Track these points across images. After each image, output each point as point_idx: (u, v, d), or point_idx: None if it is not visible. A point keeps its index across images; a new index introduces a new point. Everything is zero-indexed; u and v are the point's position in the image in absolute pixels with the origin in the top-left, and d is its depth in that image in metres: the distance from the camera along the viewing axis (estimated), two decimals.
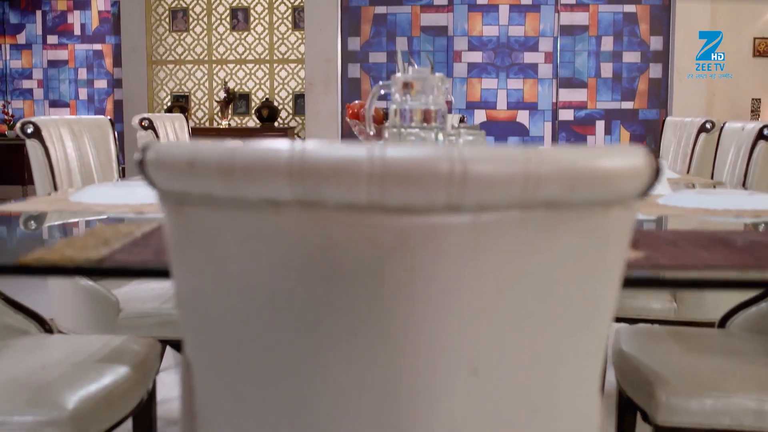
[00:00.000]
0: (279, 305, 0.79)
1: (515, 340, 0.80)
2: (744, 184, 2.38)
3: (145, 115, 2.92)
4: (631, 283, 0.92)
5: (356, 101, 2.84)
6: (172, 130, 3.16)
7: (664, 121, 3.63)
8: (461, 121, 4.09)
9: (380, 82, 1.81)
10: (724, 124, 2.74)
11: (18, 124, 2.13)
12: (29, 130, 2.12)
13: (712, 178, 2.72)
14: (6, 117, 8.83)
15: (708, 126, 3.05)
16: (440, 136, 1.75)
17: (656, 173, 0.79)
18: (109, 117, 2.57)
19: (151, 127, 2.88)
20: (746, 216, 1.44)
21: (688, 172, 3.07)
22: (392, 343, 0.77)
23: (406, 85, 1.69)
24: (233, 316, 0.82)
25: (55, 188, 2.15)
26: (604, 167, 0.76)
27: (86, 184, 2.38)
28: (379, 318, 0.77)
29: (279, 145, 0.74)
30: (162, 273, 0.87)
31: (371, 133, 1.86)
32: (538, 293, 0.79)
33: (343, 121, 8.15)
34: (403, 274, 0.76)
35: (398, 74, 1.71)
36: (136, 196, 1.52)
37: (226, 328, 0.83)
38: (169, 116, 3.23)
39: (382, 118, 2.77)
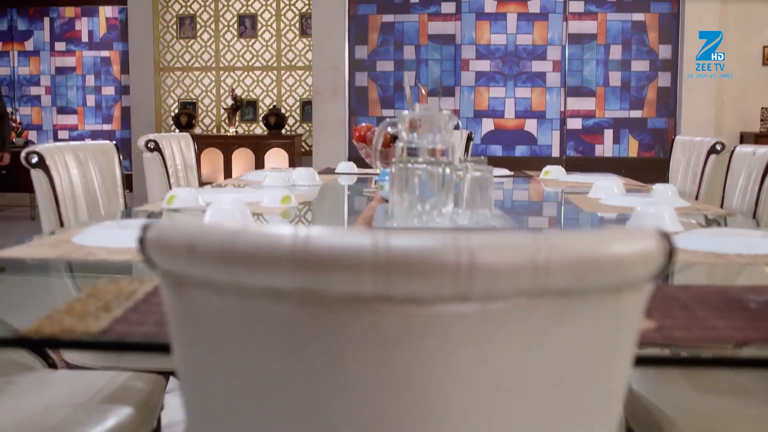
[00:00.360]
0: (281, 390, 0.78)
1: (524, 427, 0.78)
2: (755, 213, 2.35)
3: (151, 137, 2.91)
4: (643, 362, 0.90)
5: (363, 123, 2.82)
6: (179, 149, 3.15)
7: (673, 140, 3.59)
8: (469, 139, 4.07)
9: (387, 119, 1.79)
10: (734, 148, 2.71)
11: (23, 154, 2.12)
12: (34, 160, 2.10)
13: (722, 203, 2.69)
14: (14, 124, 8.83)
15: (718, 147, 3.02)
16: (447, 171, 1.72)
17: (670, 256, 0.77)
18: (114, 142, 2.56)
19: (157, 148, 2.87)
20: (760, 263, 1.41)
21: (698, 193, 3.05)
22: None
23: (414, 123, 1.67)
24: (234, 397, 0.81)
25: (60, 218, 2.13)
26: (615, 254, 0.74)
27: (92, 211, 2.36)
28: (383, 405, 0.75)
29: (281, 231, 0.72)
30: (164, 348, 0.85)
31: (378, 170, 1.84)
32: (546, 380, 0.77)
33: (350, 129, 8.13)
34: (408, 362, 0.74)
35: (405, 112, 1.68)
36: None
37: (226, 408, 0.81)
38: (175, 136, 3.22)
39: (389, 141, 2.75)
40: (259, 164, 8.61)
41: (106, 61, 9.74)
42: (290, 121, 9.36)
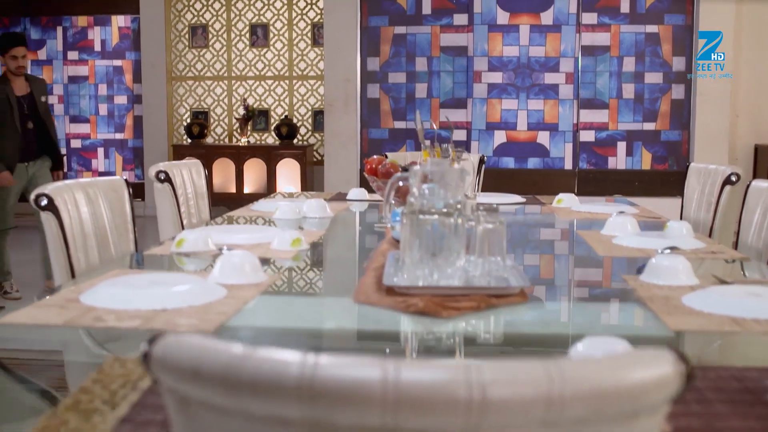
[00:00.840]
0: None
1: None
2: None
3: (162, 167, 2.90)
4: None
5: (374, 156, 2.80)
6: (189, 178, 3.14)
7: (688, 166, 3.56)
8: (481, 162, 4.03)
9: (398, 174, 1.77)
10: (750, 183, 2.67)
11: (32, 196, 2.11)
12: (43, 203, 2.09)
13: (737, 238, 2.66)
14: None
15: (733, 178, 2.98)
16: (459, 222, 1.70)
17: (688, 379, 0.74)
18: (124, 177, 2.55)
19: (167, 179, 2.86)
20: None
21: (712, 224, 3.01)
22: None
23: (426, 177, 1.65)
24: None
25: (70, 260, 2.12)
26: (631, 382, 0.72)
27: (102, 250, 2.36)
28: None
29: (288, 357, 0.71)
30: None
31: (389, 225, 1.81)
32: None
33: (362, 142, 8.12)
34: None
35: (417, 167, 1.66)
36: (150, 299, 1.49)
37: None
38: (186, 164, 3.21)
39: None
40: (271, 174, 8.61)
41: (119, 70, 9.76)
42: (302, 130, 9.36)
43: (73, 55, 9.77)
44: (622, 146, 7.83)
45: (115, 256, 2.41)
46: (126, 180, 2.55)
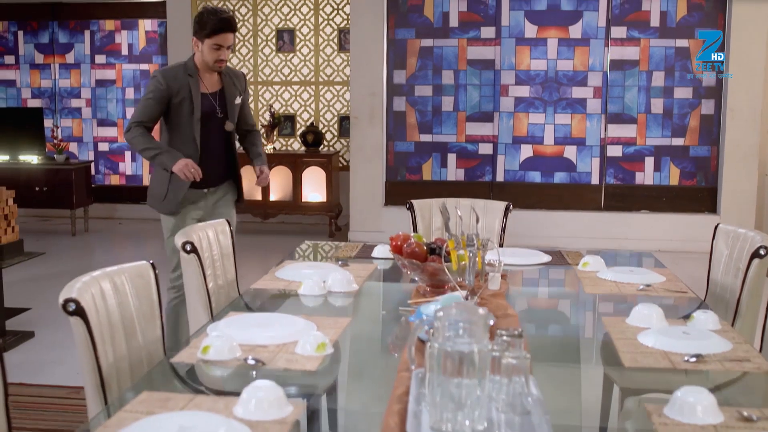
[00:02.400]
0: None
1: None
2: None
3: (188, 235, 2.92)
4: None
5: (399, 232, 2.79)
6: (215, 239, 3.15)
7: (716, 227, 3.51)
8: (507, 210, 3.97)
9: (420, 320, 1.76)
10: None
11: (61, 301, 2.13)
12: (71, 308, 2.12)
13: (765, 325, 2.63)
14: (55, 141, 8.93)
15: (762, 252, 2.94)
16: (483, 377, 1.67)
17: None
18: (150, 261, 2.57)
19: (194, 250, 2.88)
20: None
21: (739, 298, 2.98)
22: None
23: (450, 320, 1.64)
24: None
25: (98, 360, 2.14)
26: None
27: (129, 339, 2.38)
28: None
29: None
30: None
31: (412, 369, 1.81)
32: None
33: (388, 155, 8.10)
34: None
35: (441, 313, 1.65)
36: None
37: None
38: (212, 224, 3.22)
39: (425, 255, 2.73)
40: (297, 182, 8.62)
41: (146, 74, 9.80)
42: (328, 136, 9.36)
43: (100, 58, 9.83)
44: (650, 161, 7.76)
45: (142, 344, 2.44)
46: (152, 263, 2.56)
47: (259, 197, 8.81)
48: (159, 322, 2.54)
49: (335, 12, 9.28)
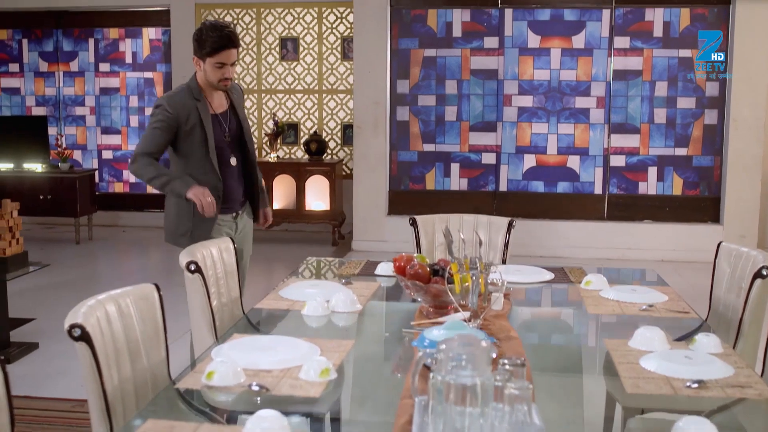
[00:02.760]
0: None
1: None
2: None
3: (192, 255, 2.93)
4: None
5: (403, 253, 2.80)
6: (219, 256, 3.16)
7: (719, 245, 3.51)
8: (510, 226, 3.96)
9: (423, 353, 1.77)
10: None
11: (66, 326, 2.15)
12: (77, 334, 2.14)
13: (765, 359, 2.65)
14: (59, 149, 8.96)
15: (764, 272, 2.95)
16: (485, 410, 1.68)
17: None
18: (154, 283, 2.58)
19: (198, 270, 2.89)
20: None
21: (741, 317, 2.98)
22: None
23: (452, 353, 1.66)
24: None
25: (103, 385, 2.16)
26: None
27: (134, 360, 2.40)
28: None
29: None
30: None
31: (415, 397, 1.81)
32: None
33: (391, 164, 8.12)
34: None
35: (444, 345, 1.66)
36: None
37: None
38: (215, 242, 3.23)
39: (428, 276, 2.74)
40: (300, 190, 8.64)
41: (150, 82, 9.83)
42: (331, 144, 9.39)
43: (104, 67, 9.86)
44: (653, 171, 7.77)
45: (147, 366, 2.45)
46: (156, 285, 2.58)
47: None
48: (164, 344, 2.55)
49: (339, 21, 9.30)
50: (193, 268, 2.90)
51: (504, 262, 3.97)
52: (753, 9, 7.33)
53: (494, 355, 1.72)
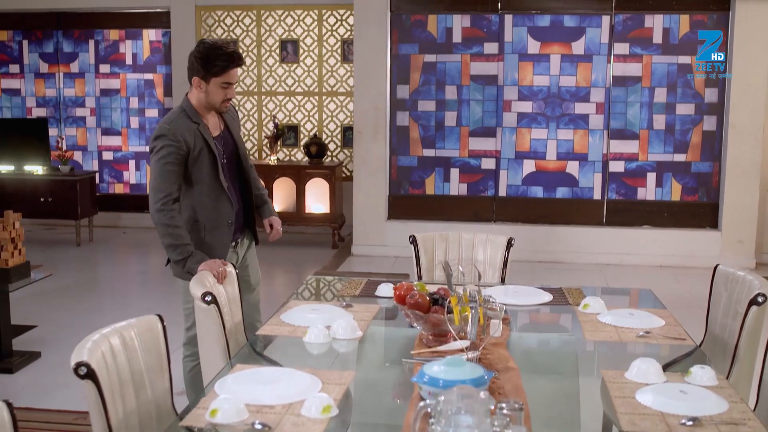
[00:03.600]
0: None
1: None
2: None
3: (208, 286, 2.96)
4: None
5: (403, 282, 2.84)
6: (223, 288, 3.18)
7: (716, 268, 3.53)
8: (509, 245, 3.98)
9: (424, 402, 1.80)
10: None
11: (72, 365, 2.18)
12: (83, 372, 2.17)
13: (761, 374, 2.68)
14: (60, 152, 8.98)
15: (760, 300, 2.98)
16: None
17: None
18: (158, 315, 2.61)
19: (214, 301, 2.91)
20: None
21: (737, 343, 3.02)
22: None
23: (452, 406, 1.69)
24: None
25: (108, 420, 2.20)
26: None
27: (138, 392, 2.44)
28: None
29: None
30: None
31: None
32: None
33: (391, 169, 8.15)
34: None
35: (441, 398, 1.70)
36: None
37: None
38: (231, 276, 3.27)
39: (428, 306, 2.77)
40: (300, 193, 8.67)
41: (150, 83, 9.85)
42: (331, 146, 9.42)
43: (104, 68, 9.88)
44: (651, 177, 7.80)
45: (151, 397, 2.49)
46: (159, 316, 2.61)
47: None
48: (168, 374, 2.59)
49: (339, 23, 9.32)
50: (209, 299, 2.92)
51: (503, 280, 4.00)
52: (752, 16, 7.35)
53: (492, 407, 1.75)
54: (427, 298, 2.80)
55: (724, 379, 2.56)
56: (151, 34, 9.79)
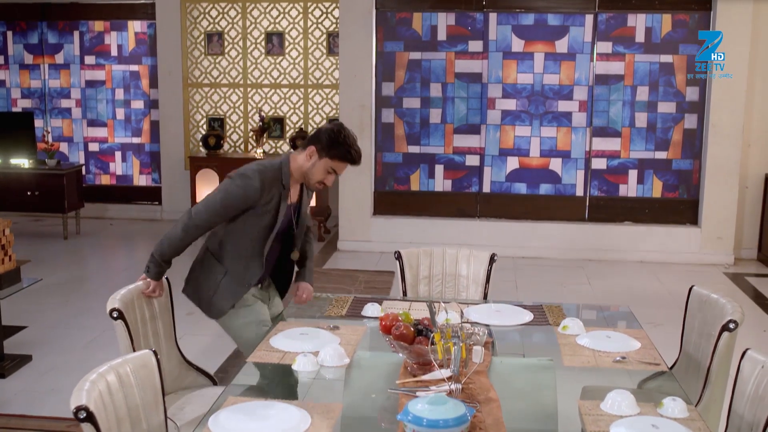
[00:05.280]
0: None
1: None
2: None
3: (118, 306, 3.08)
4: None
5: (390, 312, 2.94)
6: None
7: (691, 289, 3.65)
8: (491, 261, 4.06)
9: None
10: (746, 351, 2.79)
11: (73, 409, 2.27)
12: (82, 416, 2.26)
13: (731, 404, 2.80)
14: (46, 145, 9.00)
15: (731, 326, 3.10)
16: None
17: None
18: (153, 349, 2.70)
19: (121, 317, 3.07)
20: None
21: (709, 366, 3.15)
22: None
23: None
24: None
25: None
26: None
27: (134, 427, 2.53)
28: None
29: None
30: None
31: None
32: None
33: (377, 166, 8.23)
34: None
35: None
36: None
37: None
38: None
39: (413, 337, 2.88)
40: None
41: (135, 75, 9.87)
42: None
43: (90, 59, 9.88)
44: (633, 174, 7.93)
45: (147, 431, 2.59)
46: (154, 351, 2.70)
47: None
48: (162, 407, 2.69)
49: (324, 16, 9.35)
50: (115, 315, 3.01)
51: (485, 296, 4.11)
52: (733, 16, 7.45)
53: None
54: (412, 329, 2.91)
55: (695, 410, 2.68)
56: (136, 26, 9.80)
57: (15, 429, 4.34)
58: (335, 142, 3.33)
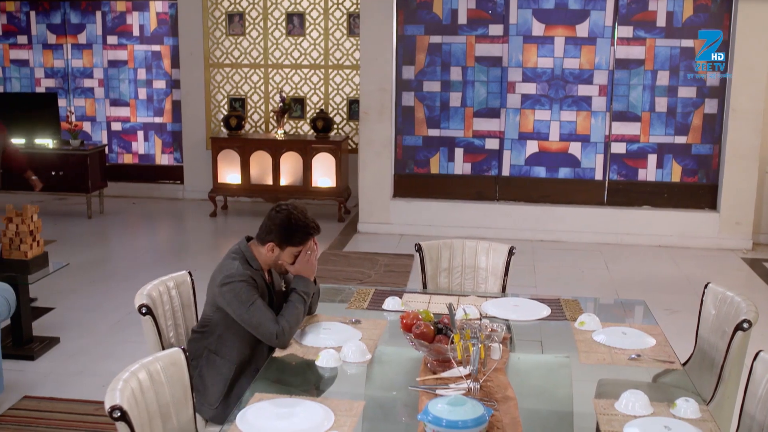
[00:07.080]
0: None
1: None
2: None
3: (146, 302, 3.19)
4: None
5: (411, 310, 3.02)
6: (177, 293, 3.47)
7: (707, 286, 3.71)
8: (510, 254, 4.12)
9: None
10: (758, 353, 2.85)
11: (107, 409, 2.37)
12: (116, 415, 2.37)
13: (742, 409, 2.87)
14: (70, 125, 9.11)
15: (745, 326, 3.16)
16: None
17: None
18: (182, 347, 2.80)
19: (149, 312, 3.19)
20: None
21: (723, 363, 3.21)
22: None
23: None
24: None
25: None
26: None
27: (165, 423, 2.64)
28: None
29: None
30: None
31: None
32: None
33: (397, 149, 8.28)
34: None
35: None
36: None
37: None
38: (173, 277, 3.51)
39: (433, 335, 2.96)
40: (307, 167, 8.83)
41: (157, 55, 9.94)
42: (337, 119, 9.54)
43: (112, 39, 9.96)
44: (652, 158, 7.94)
45: (177, 427, 2.70)
46: (183, 349, 2.80)
47: (270, 182, 9.02)
48: (191, 403, 2.80)
49: None
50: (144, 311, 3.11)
51: (504, 288, 4.18)
52: (755, 0, 7.40)
53: None
54: (432, 328, 2.99)
55: (707, 411, 2.76)
56: (157, 6, 9.85)
57: (45, 411, 4.48)
58: (290, 231, 3.28)
